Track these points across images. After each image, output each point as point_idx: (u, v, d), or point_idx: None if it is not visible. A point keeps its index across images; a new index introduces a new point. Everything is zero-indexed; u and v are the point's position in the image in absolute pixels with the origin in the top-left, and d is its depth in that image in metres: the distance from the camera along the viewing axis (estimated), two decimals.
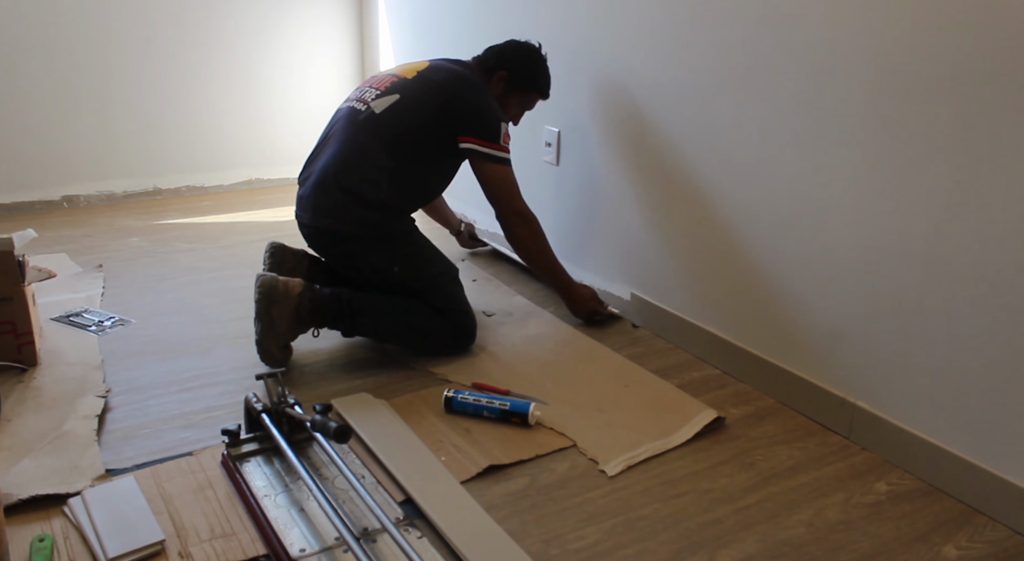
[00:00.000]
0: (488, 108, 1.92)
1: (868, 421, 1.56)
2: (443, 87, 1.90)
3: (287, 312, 1.75)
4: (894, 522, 1.36)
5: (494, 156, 1.91)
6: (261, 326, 1.74)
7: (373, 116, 1.87)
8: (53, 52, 2.88)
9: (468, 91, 1.91)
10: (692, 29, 1.81)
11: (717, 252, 1.86)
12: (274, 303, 1.74)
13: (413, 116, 1.87)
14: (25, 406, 1.59)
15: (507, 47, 2.06)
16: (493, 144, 1.90)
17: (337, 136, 1.90)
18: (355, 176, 1.82)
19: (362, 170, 1.82)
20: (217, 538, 1.24)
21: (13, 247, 1.70)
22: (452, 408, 1.64)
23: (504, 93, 2.04)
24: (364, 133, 1.86)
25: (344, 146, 1.86)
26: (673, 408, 1.68)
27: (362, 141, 1.85)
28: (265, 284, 1.74)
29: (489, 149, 1.90)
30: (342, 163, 1.83)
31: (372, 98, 1.91)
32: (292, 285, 1.76)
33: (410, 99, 1.88)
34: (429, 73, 1.94)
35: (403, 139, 1.85)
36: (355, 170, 1.82)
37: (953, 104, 1.32)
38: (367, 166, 1.83)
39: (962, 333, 1.37)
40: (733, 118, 1.74)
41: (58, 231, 2.78)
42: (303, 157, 3.43)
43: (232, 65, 3.24)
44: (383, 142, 1.84)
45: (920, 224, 1.41)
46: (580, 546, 1.27)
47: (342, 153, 1.85)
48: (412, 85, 1.91)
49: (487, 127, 1.90)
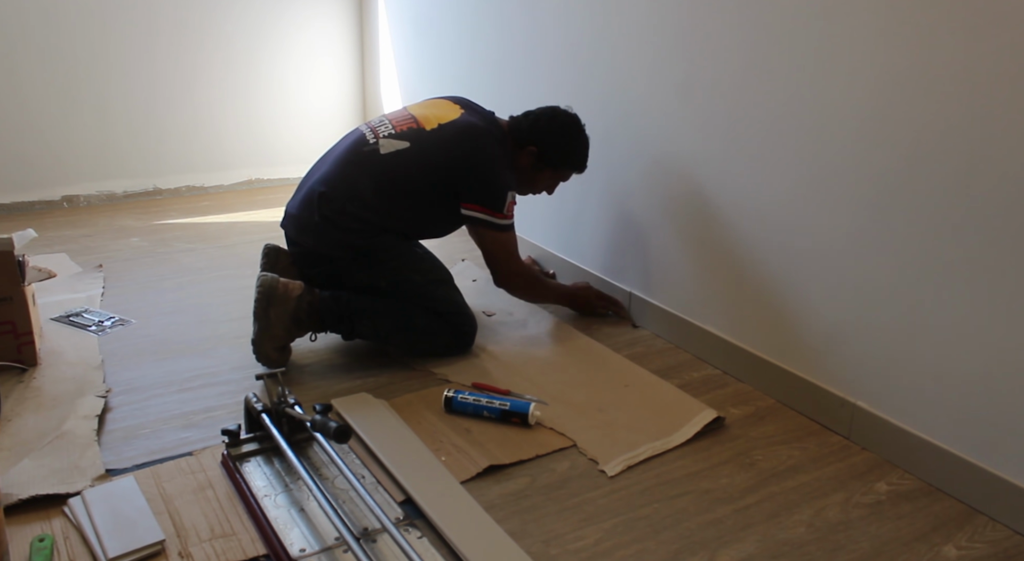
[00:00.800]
0: (498, 180, 1.87)
1: (868, 421, 1.56)
2: (454, 152, 1.84)
3: (285, 314, 1.75)
4: (894, 522, 1.36)
5: (498, 225, 1.88)
6: (258, 326, 1.75)
7: (376, 155, 1.83)
8: (53, 52, 2.88)
9: (481, 162, 1.86)
10: (688, 26, 1.81)
11: (717, 252, 1.86)
12: (273, 304, 1.73)
13: (415, 171, 1.83)
14: (25, 406, 1.59)
15: (541, 119, 1.95)
16: (496, 213, 1.87)
17: (336, 159, 1.87)
18: (337, 204, 1.79)
19: (345, 201, 1.80)
20: (217, 538, 1.24)
21: (13, 247, 1.70)
22: (452, 408, 1.64)
23: (535, 167, 1.97)
24: (360, 167, 1.83)
25: (336, 172, 1.84)
26: (673, 408, 1.68)
27: (356, 174, 1.82)
28: (265, 284, 1.74)
29: (493, 218, 1.87)
30: (330, 191, 1.81)
31: (384, 135, 1.87)
32: (292, 287, 1.76)
33: (418, 153, 1.84)
34: (449, 130, 1.87)
35: (398, 188, 1.82)
36: (339, 199, 1.80)
37: (954, 104, 1.32)
38: (352, 199, 1.80)
39: (962, 333, 1.37)
40: (733, 117, 1.74)
41: (58, 231, 2.78)
42: (303, 157, 3.49)
43: (232, 65, 3.24)
44: (375, 182, 1.81)
45: (920, 224, 1.41)
46: (580, 546, 1.27)
47: (333, 180, 1.83)
48: (426, 138, 1.85)
49: (493, 198, 1.86)
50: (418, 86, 3.13)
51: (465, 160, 1.84)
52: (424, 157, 1.84)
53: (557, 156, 1.97)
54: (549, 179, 2.03)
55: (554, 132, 1.95)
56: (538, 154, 1.95)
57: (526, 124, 1.96)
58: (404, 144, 1.84)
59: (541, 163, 1.97)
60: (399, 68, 3.27)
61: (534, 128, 1.94)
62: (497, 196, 1.87)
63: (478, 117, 1.94)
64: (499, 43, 2.56)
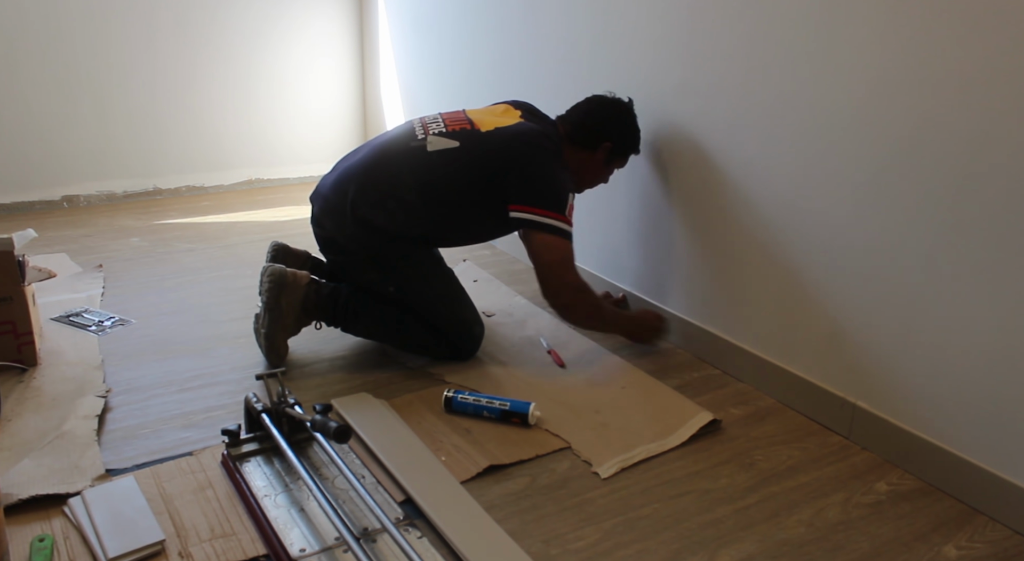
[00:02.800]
0: (555, 178, 1.77)
1: (868, 421, 1.56)
2: (508, 151, 1.76)
3: (296, 302, 1.76)
4: (894, 522, 1.36)
5: (550, 226, 1.74)
6: (270, 317, 1.75)
7: (423, 151, 1.78)
8: (53, 52, 2.88)
9: (534, 160, 1.76)
10: (688, 25, 1.81)
11: (717, 252, 1.86)
12: (284, 293, 1.75)
13: (460, 170, 1.76)
14: (25, 406, 1.59)
15: (602, 112, 1.89)
16: (553, 214, 1.73)
17: (380, 148, 1.83)
18: (372, 197, 1.75)
19: (381, 195, 1.75)
20: (217, 538, 1.24)
21: (13, 247, 1.70)
22: (452, 408, 1.64)
23: (607, 162, 1.92)
24: (404, 161, 1.78)
25: (377, 163, 1.80)
26: (670, 410, 1.68)
27: (398, 168, 1.78)
28: (275, 273, 1.75)
29: (545, 218, 1.73)
30: (366, 180, 1.77)
31: (434, 132, 1.81)
32: (300, 276, 1.78)
33: (466, 153, 1.77)
34: (504, 133, 1.80)
35: (438, 186, 1.76)
36: (375, 192, 1.76)
37: (955, 104, 1.32)
38: (389, 194, 1.76)
39: (962, 333, 1.37)
40: (733, 118, 1.74)
41: (58, 231, 2.78)
42: (303, 157, 3.50)
43: (232, 65, 3.24)
44: (416, 179, 1.76)
45: (920, 224, 1.41)
46: (580, 546, 1.27)
47: (371, 170, 1.79)
48: (478, 140, 1.79)
49: (551, 197, 1.75)
50: (418, 86, 3.13)
51: (516, 160, 1.76)
52: (472, 158, 1.77)
53: (630, 144, 1.93)
54: (614, 169, 1.99)
55: (620, 124, 1.91)
56: (612, 149, 1.90)
57: (591, 121, 1.89)
58: (454, 144, 1.78)
59: (613, 155, 1.92)
60: (399, 68, 3.27)
61: (604, 123, 1.89)
62: (550, 195, 1.75)
63: (537, 122, 1.88)
64: (499, 43, 2.56)
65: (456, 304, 1.87)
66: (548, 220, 1.74)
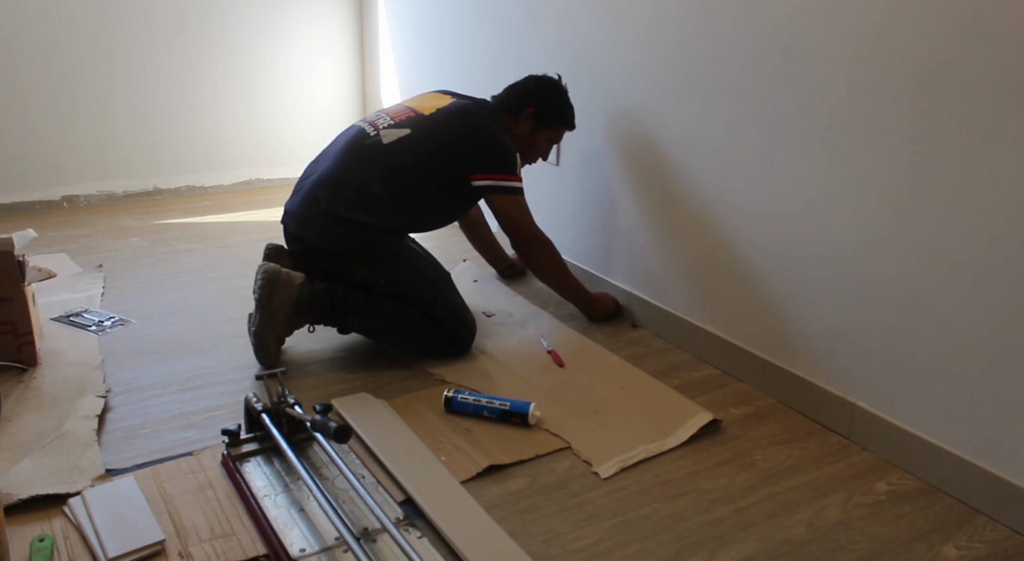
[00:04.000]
0: (501, 143, 1.93)
1: (868, 421, 1.56)
2: (454, 127, 1.91)
3: (288, 302, 1.77)
4: (894, 522, 1.36)
5: (510, 187, 1.93)
6: (261, 315, 1.76)
7: (380, 145, 1.87)
8: (53, 52, 2.88)
9: (479, 130, 1.92)
10: (689, 25, 1.81)
11: (717, 252, 1.86)
12: (276, 291, 1.76)
13: (419, 153, 1.87)
14: (25, 406, 1.59)
15: (529, 84, 2.05)
16: (508, 176, 1.92)
17: (338, 154, 1.89)
18: (344, 198, 1.81)
19: (352, 195, 1.81)
20: (217, 538, 1.24)
21: (13, 247, 1.70)
22: (452, 408, 1.64)
23: (533, 129, 2.05)
24: (365, 159, 1.85)
25: (341, 167, 1.85)
26: (670, 410, 1.68)
27: (361, 167, 1.84)
28: (269, 272, 1.76)
29: (505, 182, 1.92)
30: (335, 184, 1.83)
31: (384, 126, 1.91)
32: (294, 276, 1.79)
33: (420, 136, 1.89)
34: (445, 111, 1.94)
35: (404, 173, 1.85)
36: (345, 193, 1.81)
37: (955, 103, 1.32)
38: (359, 192, 1.81)
39: (962, 333, 1.37)
40: (732, 119, 1.74)
41: (58, 231, 2.78)
42: (303, 157, 3.48)
43: (232, 65, 3.24)
44: (381, 172, 1.84)
45: (920, 223, 1.41)
46: (580, 546, 1.27)
47: (337, 174, 1.84)
48: (425, 122, 1.91)
49: (502, 161, 1.92)
50: (418, 86, 3.13)
51: (465, 133, 1.90)
52: (426, 139, 1.88)
53: (554, 112, 2.05)
54: (546, 141, 2.09)
55: (544, 93, 2.04)
56: (536, 114, 2.02)
57: (515, 92, 2.04)
58: (406, 131, 1.89)
59: (539, 123, 2.04)
60: (399, 68, 3.27)
61: (525, 92, 2.03)
62: (503, 159, 1.92)
63: (468, 100, 2.02)
64: (499, 43, 2.56)
65: (446, 289, 1.91)
66: (506, 182, 1.93)
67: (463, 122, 1.92)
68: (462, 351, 1.90)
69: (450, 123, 1.92)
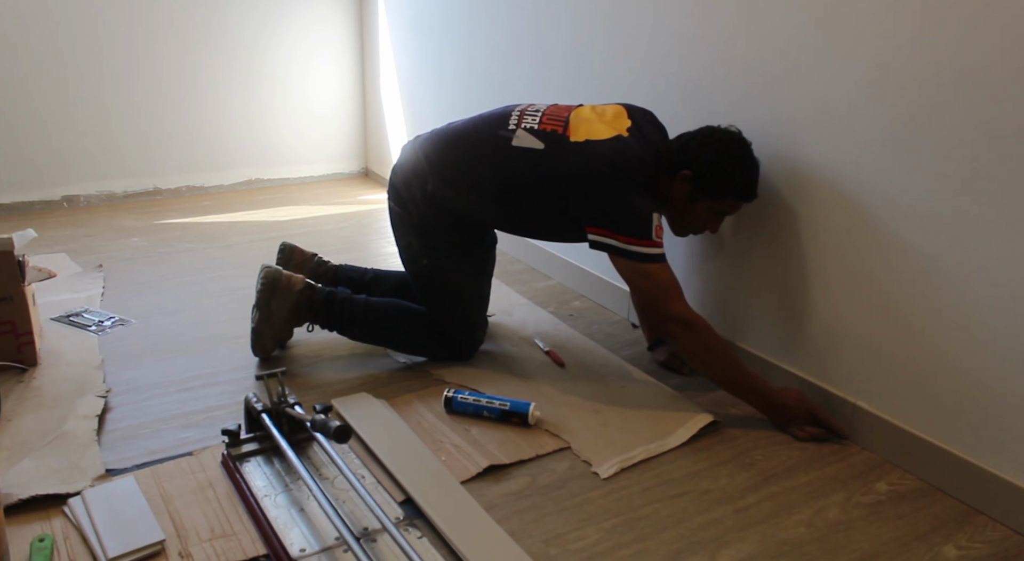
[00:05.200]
0: (626, 203, 1.59)
1: (868, 421, 1.56)
2: (581, 176, 1.61)
3: (286, 306, 1.78)
4: (894, 522, 1.36)
5: (635, 253, 1.58)
6: (259, 315, 1.78)
7: (507, 144, 1.68)
8: (53, 52, 2.88)
9: (609, 188, 1.59)
10: (689, 24, 1.81)
11: (716, 252, 1.86)
12: (275, 295, 1.77)
13: (538, 178, 1.65)
14: (25, 406, 1.59)
15: (696, 137, 1.65)
16: (632, 239, 1.58)
17: (472, 128, 1.75)
18: (448, 174, 1.73)
19: (458, 175, 1.73)
20: (217, 538, 1.24)
21: (13, 247, 1.70)
22: (452, 408, 1.64)
23: (690, 197, 1.65)
24: (487, 150, 1.70)
25: (465, 143, 1.74)
26: (669, 411, 1.68)
27: (480, 154, 1.71)
28: (269, 275, 1.77)
29: (627, 245, 1.58)
30: (451, 162, 1.73)
31: (525, 126, 1.68)
32: (295, 281, 1.79)
33: (546, 160, 1.64)
34: (589, 150, 1.61)
35: (515, 186, 1.68)
36: (451, 170, 1.73)
37: (956, 101, 1.32)
38: (466, 176, 1.72)
39: (962, 333, 1.37)
40: (733, 116, 1.74)
41: (58, 231, 2.78)
42: (303, 157, 3.49)
43: (232, 65, 3.24)
44: (495, 171, 1.69)
45: (920, 223, 1.41)
46: (580, 546, 1.27)
47: (457, 153, 1.74)
48: (562, 149, 1.63)
49: (623, 221, 1.58)
50: (418, 86, 3.13)
51: (590, 181, 1.60)
52: (551, 166, 1.64)
53: (715, 180, 1.61)
54: (708, 211, 1.67)
55: (710, 151, 1.61)
56: (693, 179, 1.62)
57: (677, 146, 1.66)
58: (539, 144, 1.65)
59: (697, 190, 1.64)
60: (399, 68, 3.27)
61: (686, 149, 1.64)
62: (626, 219, 1.58)
63: (639, 140, 1.65)
64: (499, 43, 2.56)
65: (472, 303, 1.86)
66: (629, 246, 1.58)
67: (598, 171, 1.59)
68: (463, 359, 1.89)
69: (584, 165, 1.60)
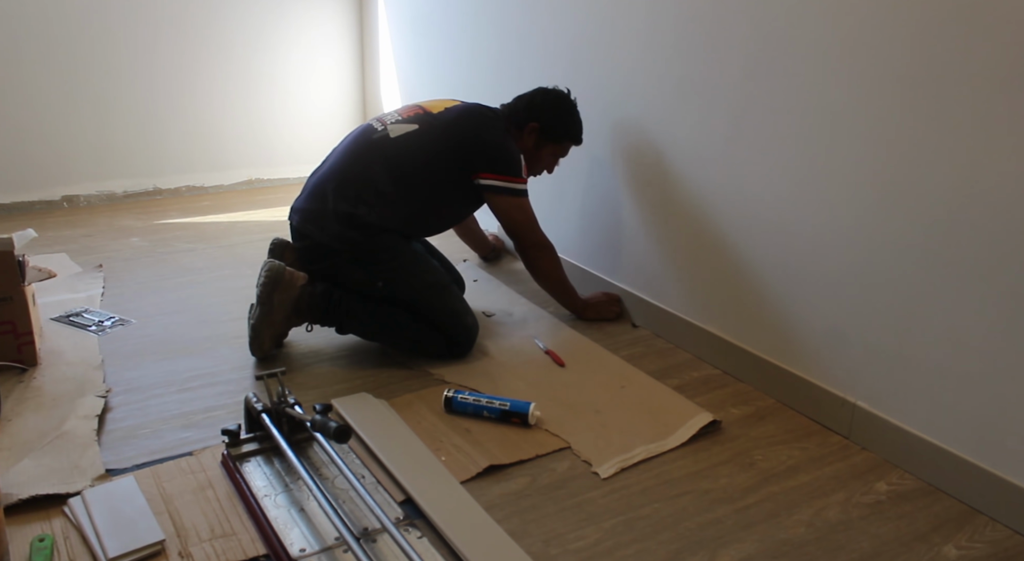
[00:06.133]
0: (506, 146, 1.93)
1: (868, 421, 1.56)
2: (462, 126, 1.92)
3: (288, 301, 1.79)
4: (894, 522, 1.36)
5: (514, 189, 1.93)
6: (260, 310, 1.78)
7: (387, 139, 1.88)
8: (53, 52, 2.88)
9: (486, 131, 1.92)
10: (689, 24, 1.81)
11: (717, 252, 1.86)
12: (277, 289, 1.77)
13: (426, 149, 1.88)
14: (25, 406, 1.59)
15: (536, 96, 2.03)
16: (513, 178, 1.92)
17: (346, 150, 1.91)
18: (351, 193, 1.82)
19: (358, 190, 1.82)
20: (217, 538, 1.24)
21: (13, 247, 1.70)
22: (452, 408, 1.64)
23: (537, 144, 2.02)
24: (372, 154, 1.86)
25: (348, 162, 1.87)
26: (669, 411, 1.68)
27: (368, 162, 1.86)
28: (272, 270, 1.77)
29: (509, 183, 1.92)
30: (341, 179, 1.84)
31: (391, 121, 1.93)
32: (297, 276, 1.80)
33: (427, 132, 1.89)
34: (454, 110, 1.95)
35: (410, 169, 1.86)
36: (352, 188, 1.82)
37: (955, 102, 1.32)
38: (365, 188, 1.82)
39: (962, 333, 1.37)
40: (731, 119, 1.74)
41: (58, 231, 2.78)
42: (303, 157, 3.49)
43: (232, 65, 3.24)
44: (387, 167, 1.84)
45: (920, 224, 1.41)
46: (580, 546, 1.27)
47: (344, 170, 1.86)
48: (433, 120, 1.92)
49: (507, 162, 1.91)
50: (418, 86, 3.13)
51: (474, 132, 1.91)
52: (434, 136, 1.89)
53: (559, 129, 2.02)
54: (550, 155, 2.07)
55: (551, 106, 2.01)
56: (540, 129, 2.00)
57: (522, 105, 2.02)
58: (413, 127, 1.90)
59: (543, 139, 2.02)
60: (399, 68, 3.27)
61: (531, 106, 2.00)
62: (510, 161, 1.91)
63: (475, 105, 2.02)
64: (499, 43, 2.56)
65: (445, 293, 1.90)
66: (511, 184, 1.92)
67: (472, 122, 1.93)
68: (461, 354, 1.90)
69: (458, 122, 1.92)
